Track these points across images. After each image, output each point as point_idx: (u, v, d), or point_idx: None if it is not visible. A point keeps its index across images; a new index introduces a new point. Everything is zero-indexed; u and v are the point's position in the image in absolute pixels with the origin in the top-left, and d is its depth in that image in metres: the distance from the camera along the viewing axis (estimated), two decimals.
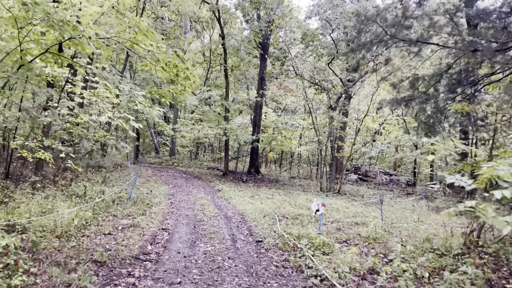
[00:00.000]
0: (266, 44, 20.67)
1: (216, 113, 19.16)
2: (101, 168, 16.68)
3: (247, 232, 7.97)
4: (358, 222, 9.85)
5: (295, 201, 13.11)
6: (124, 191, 11.56)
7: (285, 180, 21.20)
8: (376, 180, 25.39)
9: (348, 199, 15.71)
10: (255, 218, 9.34)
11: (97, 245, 5.72)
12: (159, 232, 7.30)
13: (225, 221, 8.93)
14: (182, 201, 11.61)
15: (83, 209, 7.52)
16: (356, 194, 17.56)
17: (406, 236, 8.51)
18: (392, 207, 14.65)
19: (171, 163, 25.88)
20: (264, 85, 21.04)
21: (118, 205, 9.33)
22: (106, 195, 9.85)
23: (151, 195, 11.69)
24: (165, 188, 14.18)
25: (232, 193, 13.85)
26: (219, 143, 33.65)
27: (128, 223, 7.44)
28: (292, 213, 10.29)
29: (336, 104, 19.00)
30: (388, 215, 11.50)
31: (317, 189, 18.27)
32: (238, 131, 19.01)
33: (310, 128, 25.14)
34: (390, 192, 20.68)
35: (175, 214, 9.40)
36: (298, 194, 15.52)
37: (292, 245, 6.64)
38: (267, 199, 12.99)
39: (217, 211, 10.10)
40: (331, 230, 8.61)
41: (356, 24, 7.03)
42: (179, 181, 16.87)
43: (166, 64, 5.93)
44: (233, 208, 10.94)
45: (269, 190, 16.14)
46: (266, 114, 27.88)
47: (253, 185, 17.89)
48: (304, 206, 11.99)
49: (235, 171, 21.05)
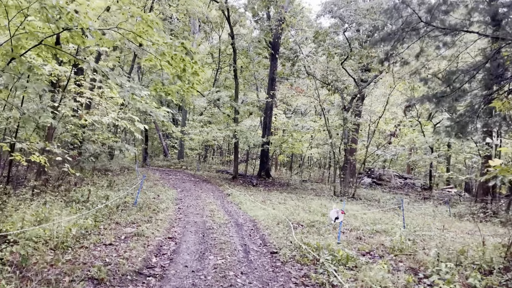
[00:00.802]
0: (276, 44, 20.07)
1: (225, 114, 18.59)
2: (108, 172, 16.22)
3: (260, 241, 7.34)
4: (379, 230, 9.15)
5: (309, 206, 12.45)
6: (130, 196, 11.03)
7: (296, 184, 20.52)
8: (391, 184, 24.56)
9: (364, 204, 14.98)
10: (268, 225, 8.71)
11: (95, 258, 5.15)
12: (165, 242, 6.71)
13: (236, 229, 8.31)
14: (191, 207, 11.04)
15: (84, 216, 6.98)
16: (371, 199, 16.81)
17: (434, 247, 7.80)
18: (410, 212, 13.88)
19: (180, 166, 25.39)
20: (275, 86, 20.42)
21: (122, 211, 8.79)
22: (110, 200, 9.32)
23: (158, 200, 11.14)
24: (172, 192, 13.63)
25: (242, 198, 13.24)
26: (228, 145, 33.12)
27: (132, 231, 6.87)
28: (307, 219, 9.63)
29: (350, 105, 18.30)
30: (409, 221, 10.77)
31: (330, 193, 17.55)
32: (247, 133, 18.41)
33: (322, 130, 24.44)
34: (406, 197, 19.86)
35: (183, 221, 8.82)
36: (311, 199, 14.84)
37: (312, 258, 5.99)
38: (279, 204, 12.35)
39: (227, 218, 9.49)
40: (351, 239, 7.93)
41: (389, 8, 6.31)
42: (188, 185, 16.32)
43: (172, 57, 5.36)
44: (244, 214, 10.33)
45: (281, 195, 15.49)
46: (277, 116, 27.27)
47: (264, 189, 17.27)
48: (319, 212, 11.32)
49: (244, 175, 20.46)
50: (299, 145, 21.33)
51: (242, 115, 20.45)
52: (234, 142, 18.62)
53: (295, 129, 18.98)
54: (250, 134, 18.67)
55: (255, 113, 21.56)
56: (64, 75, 8.57)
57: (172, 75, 5.74)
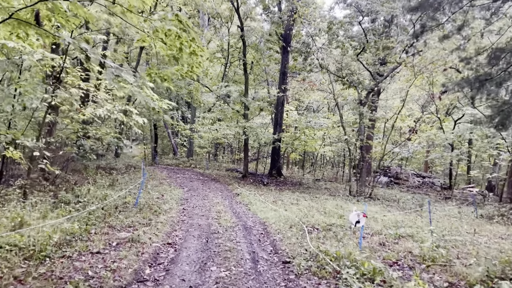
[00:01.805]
0: (288, 36, 19.13)
1: (234, 110, 17.76)
2: (113, 170, 15.58)
3: (271, 248, 6.50)
4: (403, 234, 8.22)
5: (324, 207, 11.55)
6: (132, 196, 10.32)
7: (309, 183, 19.59)
8: (409, 183, 23.41)
9: (382, 204, 13.99)
10: (279, 229, 7.86)
11: (76, 270, 4.38)
12: (163, 249, 5.93)
13: (244, 233, 7.48)
14: (196, 207, 10.26)
15: (72, 219, 6.24)
16: (390, 199, 15.79)
17: (468, 254, 6.84)
18: (434, 214, 12.83)
19: (189, 164, 24.69)
20: (286, 81, 19.51)
21: (120, 213, 8.05)
22: (108, 201, 8.60)
23: (161, 201, 10.39)
24: (178, 192, 12.89)
25: (252, 198, 12.41)
26: (238, 143, 32.33)
27: (127, 236, 6.10)
28: (322, 222, 8.75)
29: (366, 99, 17.28)
30: (434, 224, 9.78)
31: (345, 193, 16.59)
32: (258, 129, 17.56)
33: (336, 126, 23.42)
34: (426, 196, 18.73)
35: (186, 223, 8.03)
36: (326, 199, 13.92)
37: (331, 270, 5.12)
38: (291, 205, 11.47)
39: (235, 220, 8.67)
40: (374, 245, 7.02)
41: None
42: (195, 184, 15.58)
43: (165, 34, 4.55)
44: (253, 216, 9.50)
45: (293, 194, 14.61)
46: (288, 112, 26.34)
47: (275, 189, 16.41)
48: (335, 213, 10.42)
49: (255, 173, 19.63)
50: (312, 143, 20.37)
51: (252, 111, 19.60)
52: (244, 139, 17.79)
53: (308, 125, 18.02)
54: (260, 131, 17.81)
55: (266, 109, 20.69)
56: (58, 64, 7.86)
57: (167, 57, 4.94)
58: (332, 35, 18.34)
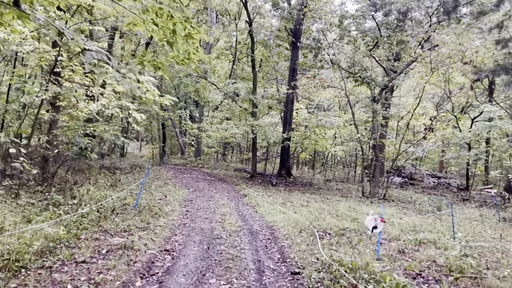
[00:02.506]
0: (298, 31, 18.45)
1: (242, 108, 17.17)
2: (117, 170, 15.17)
3: (279, 256, 5.88)
4: (423, 240, 7.52)
5: (336, 209, 10.88)
6: (132, 197, 9.82)
7: (320, 184, 18.88)
8: (423, 184, 22.52)
9: (398, 206, 13.24)
10: (288, 234, 7.23)
11: (54, 284, 3.83)
12: (159, 256, 5.37)
13: (249, 238, 6.88)
14: (200, 209, 9.70)
15: (63, 223, 5.73)
16: (405, 200, 15.01)
17: (498, 263, 6.13)
18: (453, 217, 12.02)
19: (196, 164, 24.21)
20: (296, 77, 18.84)
21: (118, 215, 7.53)
22: (106, 202, 8.09)
23: (164, 202, 9.86)
24: (183, 192, 12.36)
25: (259, 199, 11.80)
26: (246, 142, 31.76)
27: (120, 242, 5.56)
28: (335, 226, 8.10)
29: (380, 96, 16.52)
30: (456, 228, 9.04)
31: (358, 194, 15.86)
32: (266, 128, 16.94)
33: (348, 125, 22.65)
34: (443, 198, 17.87)
35: (188, 227, 7.47)
36: (338, 201, 13.24)
37: (347, 284, 4.48)
38: (301, 207, 10.83)
39: (240, 223, 8.07)
40: (392, 253, 6.36)
41: None
42: (201, 185, 15.04)
43: (157, 14, 3.98)
44: (260, 219, 8.89)
45: (303, 196, 13.96)
46: (298, 111, 25.66)
47: (284, 189, 15.76)
48: (348, 216, 9.75)
49: (263, 173, 19.01)
50: (322, 142, 19.67)
51: (261, 110, 18.97)
52: (252, 138, 17.18)
53: (319, 124, 17.32)
54: (269, 130, 17.19)
55: (275, 108, 20.04)
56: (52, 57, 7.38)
57: (160, 42, 4.36)
58: (344, 29, 17.65)
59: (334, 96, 30.26)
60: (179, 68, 16.53)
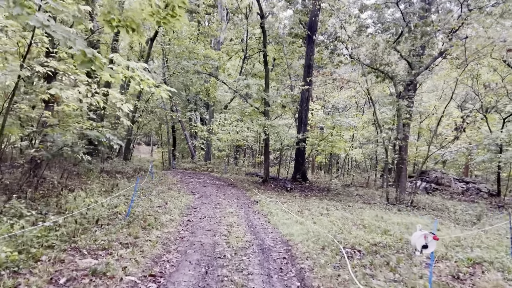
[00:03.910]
0: (314, 24, 17.05)
1: (253, 107, 15.87)
2: (118, 174, 14.01)
3: (298, 284, 4.50)
4: (477, 260, 6.02)
5: (361, 218, 9.41)
6: (127, 204, 8.58)
7: (338, 189, 17.36)
8: (451, 189, 20.72)
9: (429, 215, 11.67)
10: (308, 251, 5.83)
11: None
12: (140, 285, 4.05)
13: (260, 257, 5.51)
14: (204, 219, 8.38)
15: (19, 238, 4.47)
16: (436, 208, 13.39)
17: None
18: (497, 226, 10.39)
19: (206, 168, 22.97)
20: (312, 74, 17.43)
21: (102, 227, 6.27)
22: (89, 210, 6.85)
23: (162, 210, 8.58)
24: (188, 198, 11.08)
25: (272, 207, 10.41)
26: (258, 144, 30.40)
27: (89, 266, 4.27)
28: (364, 241, 6.67)
29: (405, 93, 14.99)
30: (507, 243, 7.46)
31: (382, 200, 14.31)
32: (280, 128, 15.58)
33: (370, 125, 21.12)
34: (475, 204, 16.13)
35: (186, 242, 6.15)
36: (361, 208, 11.74)
37: None
38: (321, 216, 9.40)
39: (250, 237, 6.70)
40: (446, 280, 4.91)
41: None
42: (209, 190, 13.74)
43: None
44: (273, 231, 7.51)
45: (321, 202, 12.51)
46: (313, 112, 24.21)
47: (300, 195, 14.33)
48: (377, 227, 8.29)
49: (277, 178, 17.62)
50: (340, 143, 18.16)
51: (274, 109, 17.62)
52: (264, 139, 15.82)
53: (338, 123, 15.86)
54: (282, 130, 15.82)
55: (288, 107, 18.65)
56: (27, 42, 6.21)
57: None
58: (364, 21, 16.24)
59: (351, 96, 28.73)
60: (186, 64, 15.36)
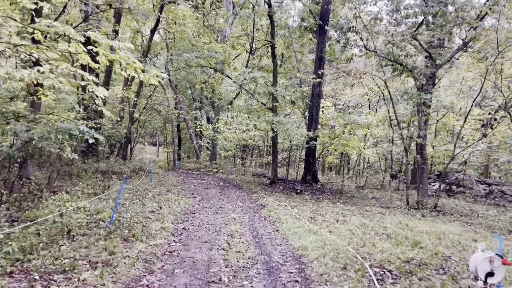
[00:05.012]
0: (326, 13, 15.79)
1: (259, 103, 14.70)
2: (114, 175, 12.97)
3: None
4: None
5: (383, 226, 8.18)
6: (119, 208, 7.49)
7: (352, 191, 16.07)
8: (473, 191, 19.26)
9: (458, 221, 10.35)
10: (327, 273, 4.63)
11: None
12: None
13: (265, 281, 4.34)
14: (202, 226, 7.23)
15: None
16: (463, 213, 12.05)
17: None
18: None
19: (211, 169, 21.85)
20: (323, 68, 16.19)
21: (74, 238, 5.16)
22: (61, 217, 5.75)
23: (154, 216, 7.45)
24: (187, 202, 9.96)
25: (281, 212, 9.22)
26: (266, 143, 29.18)
27: None
28: (393, 256, 5.46)
29: (427, 87, 13.68)
30: None
31: (401, 204, 13.01)
32: (289, 125, 14.36)
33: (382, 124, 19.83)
34: (501, 208, 14.75)
35: (175, 258, 5.00)
36: (380, 213, 10.48)
37: None
38: (337, 223, 8.18)
39: (254, 252, 5.52)
40: None
41: None
42: (212, 192, 12.61)
43: None
44: (282, 243, 6.32)
45: (335, 206, 11.28)
46: (324, 109, 22.95)
47: (311, 198, 13.11)
48: (403, 237, 7.06)
49: (285, 179, 16.41)
50: (354, 142, 16.87)
51: (282, 106, 16.42)
52: (272, 137, 14.65)
53: (353, 121, 14.60)
54: (291, 127, 14.61)
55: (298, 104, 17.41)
56: None
57: None
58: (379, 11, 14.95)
59: (363, 94, 27.36)
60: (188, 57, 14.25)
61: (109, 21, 17.84)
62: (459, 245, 6.94)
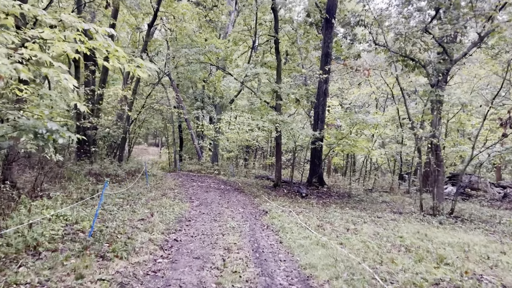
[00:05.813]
0: (332, 5, 14.91)
1: (262, 101, 13.89)
2: (107, 177, 12.20)
3: None
4: None
5: (400, 236, 7.31)
6: (102, 217, 6.70)
7: (360, 195, 15.18)
8: (488, 195, 18.29)
9: (479, 229, 9.42)
10: None
11: None
12: None
13: None
14: (196, 237, 6.41)
15: None
16: (482, 219, 11.12)
17: None
18: None
19: (212, 170, 21.04)
20: (330, 64, 15.33)
21: (40, 255, 4.36)
22: (30, 228, 4.96)
23: (142, 225, 6.65)
24: (182, 208, 9.15)
25: (285, 219, 8.37)
26: (269, 144, 28.34)
27: None
28: (419, 277, 4.60)
29: (442, 83, 12.78)
30: None
31: (415, 209, 12.12)
32: (293, 125, 13.51)
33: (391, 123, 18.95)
34: None
35: (158, 281, 4.18)
36: (394, 220, 9.61)
37: None
38: (347, 233, 7.34)
39: (253, 272, 4.69)
40: None
41: None
42: (211, 196, 11.80)
43: None
44: (287, 259, 5.47)
45: (344, 212, 10.42)
46: (330, 108, 22.06)
47: (317, 202, 12.25)
48: (424, 249, 6.22)
49: (289, 181, 15.56)
50: (362, 143, 15.99)
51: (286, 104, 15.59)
52: (275, 137, 13.83)
53: (361, 120, 13.73)
54: (296, 126, 13.74)
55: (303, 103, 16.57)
56: None
57: None
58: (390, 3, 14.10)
59: (371, 93, 26.45)
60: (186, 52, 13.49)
61: (106, 17, 17.13)
62: (487, 259, 6.08)
